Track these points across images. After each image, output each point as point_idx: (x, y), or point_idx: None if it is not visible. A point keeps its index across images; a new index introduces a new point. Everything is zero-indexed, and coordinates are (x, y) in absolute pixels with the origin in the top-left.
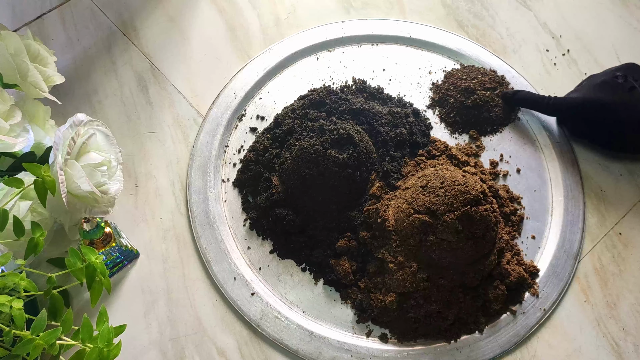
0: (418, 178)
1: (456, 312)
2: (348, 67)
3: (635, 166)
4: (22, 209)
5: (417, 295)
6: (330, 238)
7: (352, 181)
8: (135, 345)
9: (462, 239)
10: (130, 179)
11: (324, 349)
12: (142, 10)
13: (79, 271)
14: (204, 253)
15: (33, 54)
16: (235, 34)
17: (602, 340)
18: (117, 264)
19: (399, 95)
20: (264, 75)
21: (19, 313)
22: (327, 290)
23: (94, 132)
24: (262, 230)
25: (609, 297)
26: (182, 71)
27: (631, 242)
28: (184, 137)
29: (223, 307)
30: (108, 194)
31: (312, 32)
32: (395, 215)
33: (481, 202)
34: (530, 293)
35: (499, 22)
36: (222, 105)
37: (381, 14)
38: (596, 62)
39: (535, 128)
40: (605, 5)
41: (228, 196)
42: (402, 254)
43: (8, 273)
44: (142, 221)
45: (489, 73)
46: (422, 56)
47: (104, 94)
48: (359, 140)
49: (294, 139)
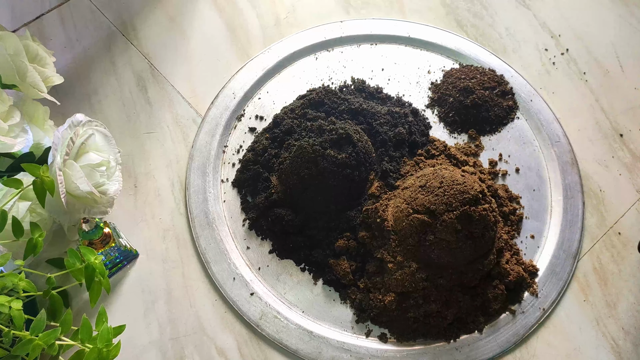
0: (417, 178)
1: (455, 311)
2: (347, 67)
3: (634, 166)
4: (21, 209)
5: (416, 295)
6: (330, 238)
7: (351, 181)
8: (135, 346)
9: (461, 238)
10: (130, 179)
11: (324, 349)
12: (141, 10)
13: (78, 271)
14: (204, 253)
15: (32, 55)
16: (234, 34)
17: (602, 339)
18: (116, 264)
19: (398, 94)
20: (263, 75)
21: (18, 313)
22: (327, 290)
23: (93, 132)
24: (261, 230)
25: (609, 296)
26: (181, 71)
27: (630, 242)
28: (183, 137)
29: (222, 307)
30: (107, 194)
31: (311, 31)
32: (394, 215)
33: (480, 201)
34: (529, 292)
35: (498, 22)
36: (221, 105)
37: (380, 13)
38: (595, 61)
39: (534, 127)
40: (604, 5)
41: (227, 196)
42: (401, 254)
43: (7, 273)
44: (141, 221)
45: (488, 72)
46: (421, 56)
47: (103, 94)
48: (358, 140)
49: (292, 139)
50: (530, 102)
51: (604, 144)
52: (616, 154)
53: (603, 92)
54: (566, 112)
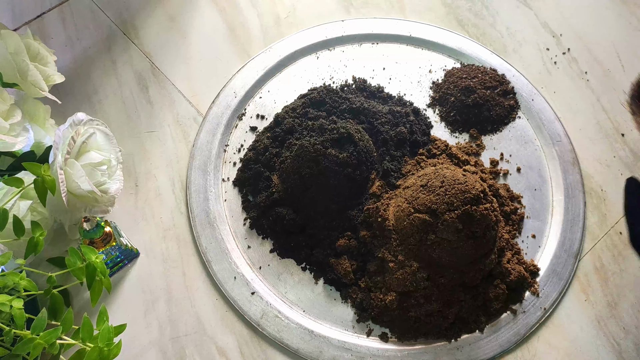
0: (418, 177)
1: (456, 311)
2: (348, 66)
3: (636, 165)
4: (22, 208)
5: (418, 294)
6: (331, 237)
7: (352, 180)
8: (136, 345)
9: (463, 238)
10: (130, 178)
11: (325, 348)
12: (142, 9)
13: (79, 270)
14: (204, 252)
15: (33, 53)
16: (235, 33)
17: (603, 339)
18: (117, 263)
19: (399, 94)
20: (264, 74)
21: (19, 312)
22: (328, 290)
23: (94, 131)
24: (262, 229)
25: (610, 296)
26: (182, 70)
27: None
28: (184, 136)
29: (223, 306)
30: (108, 193)
31: (312, 31)
32: (395, 214)
33: (481, 201)
34: (530, 292)
35: (499, 21)
36: (222, 104)
37: (381, 12)
38: (596, 60)
39: (536, 127)
40: (605, 4)
41: (228, 195)
42: (402, 253)
43: (8, 272)
44: (142, 220)
45: (490, 72)
46: (422, 55)
47: (104, 94)
48: (359, 139)
49: (294, 138)
50: (532, 102)
51: (605, 144)
52: (617, 154)
53: (604, 91)
54: (567, 111)
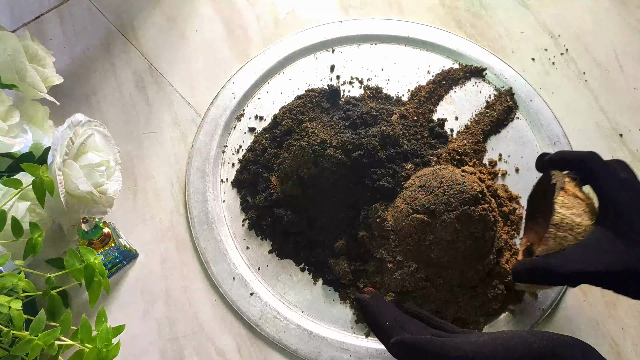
0: (416, 177)
1: (455, 311)
2: (346, 67)
3: (634, 166)
4: (20, 209)
5: (416, 294)
6: (329, 238)
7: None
8: (134, 346)
9: (461, 238)
10: (129, 179)
11: (323, 349)
12: (140, 10)
13: (78, 271)
14: (203, 253)
15: (31, 55)
16: (233, 34)
17: (601, 339)
18: (115, 264)
19: (398, 94)
20: (263, 75)
21: (17, 313)
22: (326, 290)
23: (93, 132)
24: (261, 230)
25: (608, 296)
26: (180, 71)
27: None
28: (182, 138)
29: (222, 307)
30: (107, 194)
31: (310, 31)
32: (393, 214)
33: (480, 201)
34: (529, 293)
35: (497, 22)
36: (220, 105)
37: (380, 13)
38: (595, 61)
39: (534, 127)
40: (604, 5)
41: (227, 196)
42: (400, 254)
43: (7, 273)
44: (140, 221)
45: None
46: (420, 56)
47: (103, 95)
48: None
49: (292, 139)
50: (530, 102)
51: (603, 144)
52: (616, 154)
53: (602, 92)
54: (566, 112)
